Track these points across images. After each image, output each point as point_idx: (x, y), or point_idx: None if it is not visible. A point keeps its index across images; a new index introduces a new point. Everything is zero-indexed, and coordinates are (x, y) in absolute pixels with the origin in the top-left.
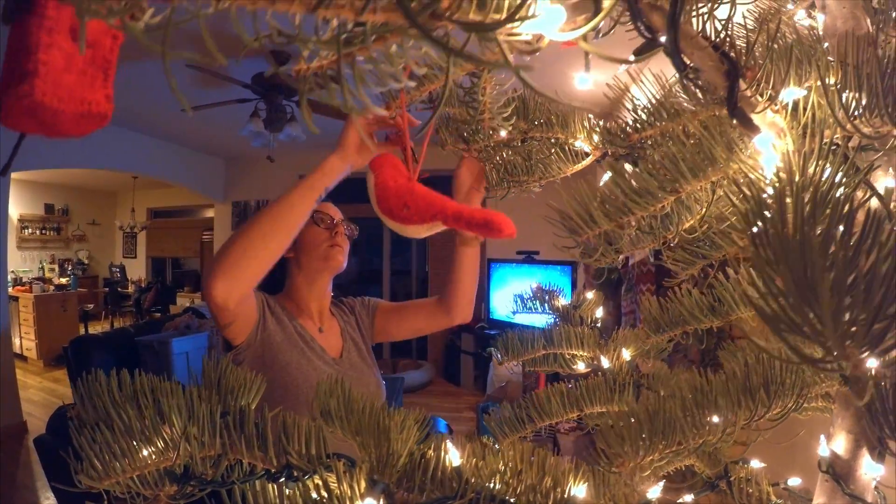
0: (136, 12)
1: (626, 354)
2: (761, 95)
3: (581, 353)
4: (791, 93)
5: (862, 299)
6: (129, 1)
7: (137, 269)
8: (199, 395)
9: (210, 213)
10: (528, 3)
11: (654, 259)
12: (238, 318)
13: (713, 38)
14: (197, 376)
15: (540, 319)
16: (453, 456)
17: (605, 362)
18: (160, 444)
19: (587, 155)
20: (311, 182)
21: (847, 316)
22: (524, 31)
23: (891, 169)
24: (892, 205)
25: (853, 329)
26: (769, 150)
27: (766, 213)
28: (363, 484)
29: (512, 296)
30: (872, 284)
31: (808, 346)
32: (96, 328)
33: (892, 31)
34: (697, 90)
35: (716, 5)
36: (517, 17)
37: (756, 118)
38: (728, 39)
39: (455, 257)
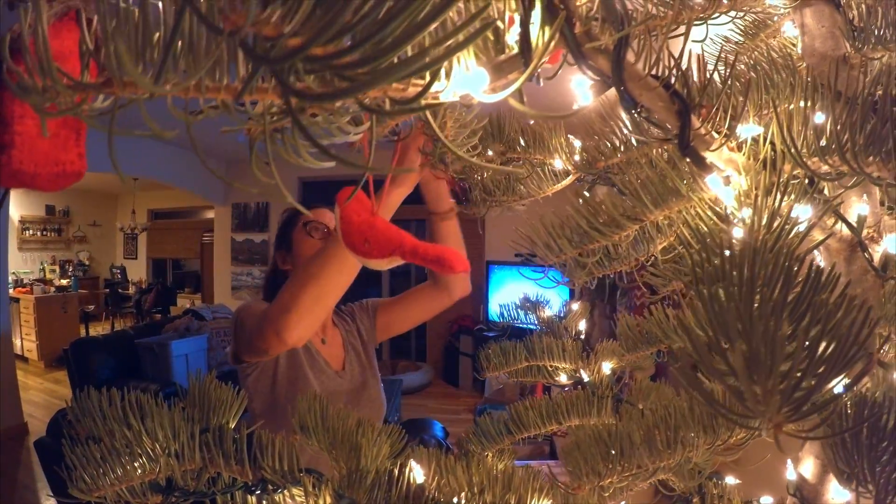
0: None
1: (607, 368)
2: (717, 132)
3: (563, 365)
4: (749, 129)
5: (790, 362)
6: (79, 98)
7: (138, 271)
8: (181, 413)
9: (210, 215)
10: (436, 80)
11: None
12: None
13: (668, 73)
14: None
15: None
16: (417, 473)
17: (585, 376)
18: (145, 459)
19: (568, 174)
20: (388, 199)
21: (771, 375)
22: (448, 97)
23: (865, 195)
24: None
25: (774, 389)
26: (722, 189)
27: (708, 261)
28: (328, 499)
29: (498, 305)
30: (802, 348)
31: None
32: (97, 329)
33: (871, 52)
34: (652, 126)
35: (664, 46)
36: (428, 91)
37: (713, 155)
38: (682, 76)
39: (436, 232)
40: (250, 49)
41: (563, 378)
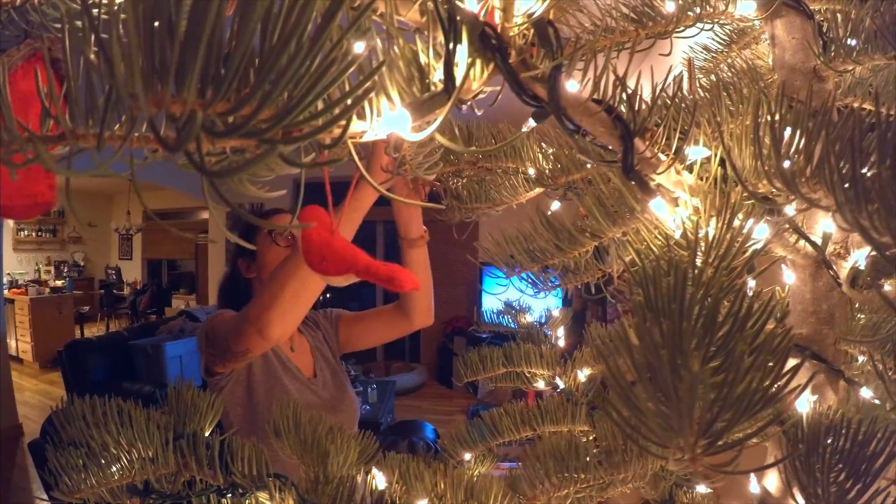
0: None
1: (582, 375)
2: (665, 155)
3: (541, 371)
4: (697, 151)
5: (713, 394)
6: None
7: (133, 271)
8: (157, 421)
9: (205, 216)
10: (345, 125)
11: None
12: (264, 350)
13: (610, 97)
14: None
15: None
16: (379, 480)
17: (560, 383)
18: (123, 463)
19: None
20: (350, 214)
21: (684, 409)
22: (372, 136)
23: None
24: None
25: (691, 423)
26: (666, 213)
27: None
28: (291, 502)
29: (481, 311)
30: (728, 380)
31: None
32: (92, 330)
33: (841, 64)
34: (600, 147)
35: (607, 68)
36: (344, 137)
37: (662, 177)
38: (628, 99)
39: (404, 260)
40: (160, 139)
41: (540, 384)
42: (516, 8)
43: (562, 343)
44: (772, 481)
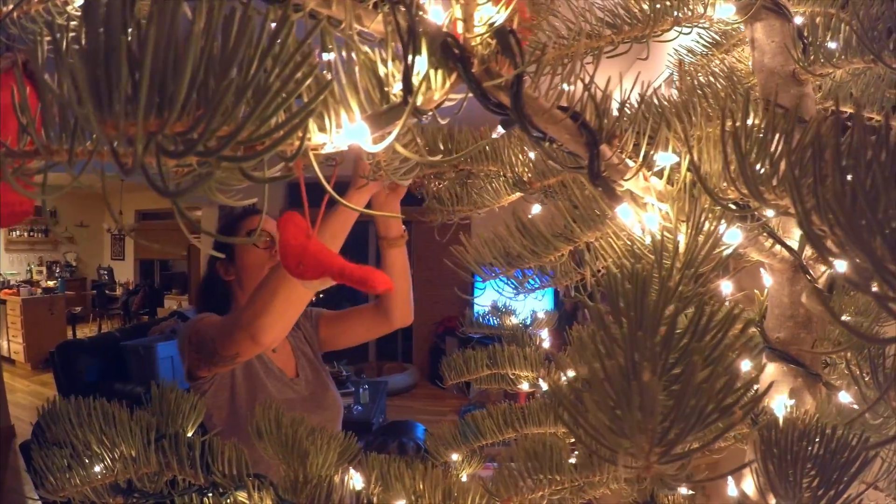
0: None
1: (563, 378)
2: (633, 161)
3: (525, 373)
4: (666, 157)
5: (668, 405)
6: (17, 163)
7: (125, 272)
8: (140, 421)
9: (198, 214)
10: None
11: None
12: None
13: (575, 104)
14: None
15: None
16: (357, 480)
17: (544, 385)
18: (105, 462)
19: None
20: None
21: (647, 414)
22: (331, 149)
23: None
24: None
25: (645, 432)
26: (632, 219)
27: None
28: (269, 503)
29: (473, 311)
30: (683, 392)
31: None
32: (84, 331)
33: (820, 68)
34: (568, 154)
35: (567, 78)
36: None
37: (631, 183)
38: (595, 105)
39: (383, 260)
40: (117, 161)
41: (524, 386)
42: (478, 18)
43: (547, 344)
44: (750, 485)
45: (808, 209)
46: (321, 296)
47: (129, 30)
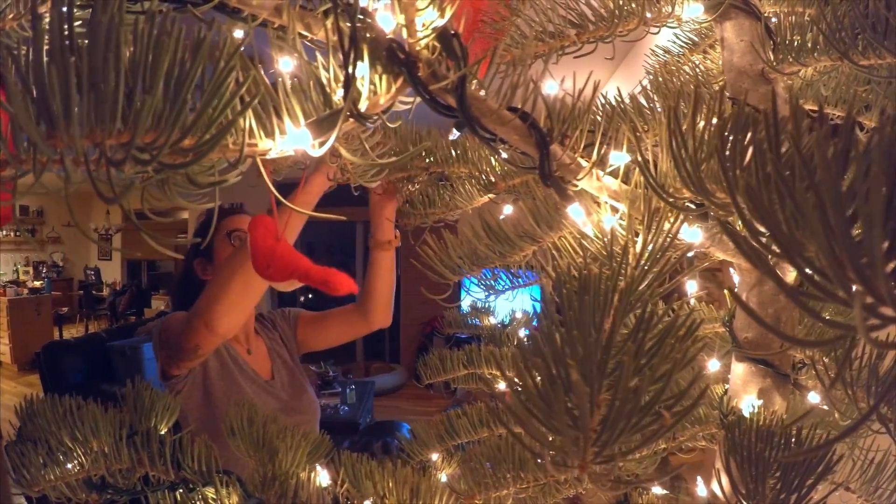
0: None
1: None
2: (586, 160)
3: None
4: (618, 157)
5: (606, 404)
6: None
7: (112, 272)
8: (113, 419)
9: (185, 216)
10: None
11: None
12: (214, 348)
13: (524, 104)
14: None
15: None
16: (323, 477)
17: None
18: (79, 458)
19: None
20: (305, 205)
21: (589, 416)
22: (276, 154)
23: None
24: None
25: (582, 433)
26: (583, 220)
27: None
28: (235, 498)
29: (461, 311)
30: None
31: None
32: (71, 332)
33: (788, 67)
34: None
35: (522, 77)
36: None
37: (585, 182)
38: (546, 106)
39: (370, 261)
40: (65, 170)
41: (502, 386)
42: (421, 22)
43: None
44: (719, 484)
45: (740, 208)
46: (310, 296)
47: (72, 47)
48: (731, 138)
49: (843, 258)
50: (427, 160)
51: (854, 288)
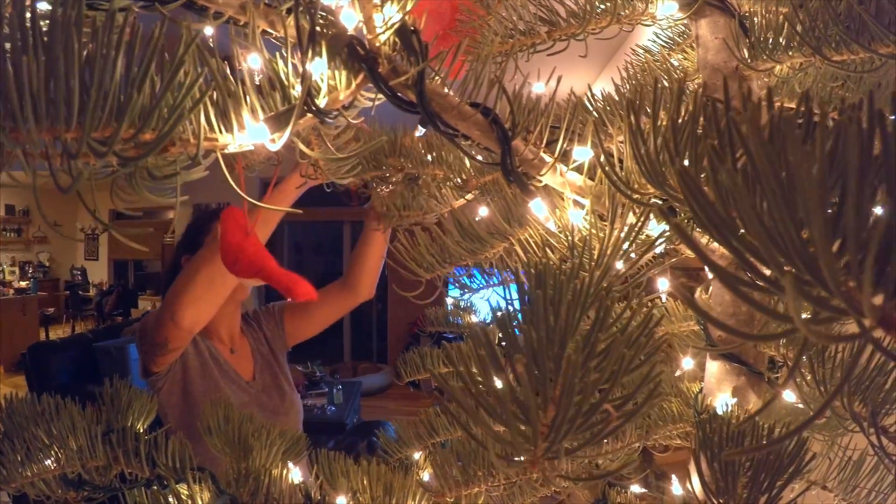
0: None
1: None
2: (550, 156)
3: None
4: (582, 152)
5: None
6: None
7: (99, 272)
8: (89, 416)
9: (171, 215)
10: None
11: None
12: (186, 343)
13: (486, 100)
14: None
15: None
16: (295, 474)
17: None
18: (55, 455)
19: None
20: (279, 202)
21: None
22: (235, 148)
23: None
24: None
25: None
26: (544, 214)
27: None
28: (207, 494)
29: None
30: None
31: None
32: (57, 332)
33: (761, 63)
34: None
35: (480, 74)
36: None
37: (548, 179)
38: (508, 101)
39: (363, 234)
40: (26, 161)
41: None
42: (382, 20)
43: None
44: (696, 485)
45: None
46: None
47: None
48: (684, 129)
49: (775, 236)
50: (402, 161)
51: (786, 269)
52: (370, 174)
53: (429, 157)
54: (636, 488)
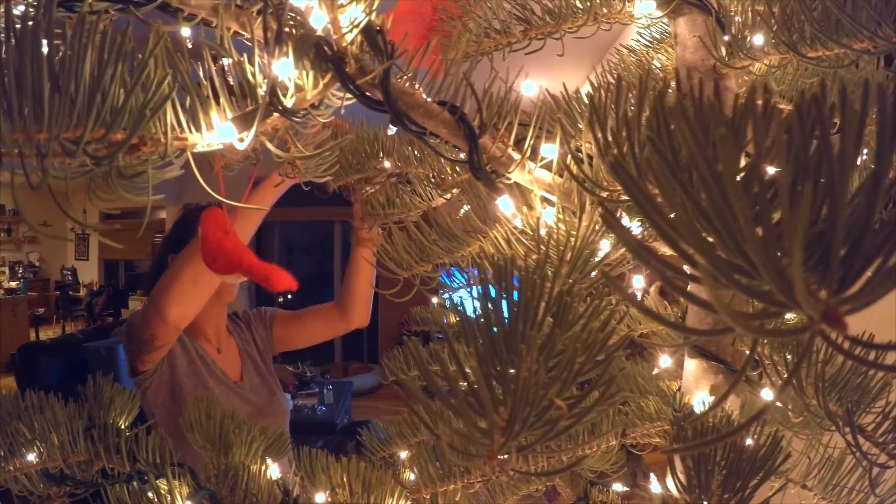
0: None
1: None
2: (519, 153)
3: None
4: (550, 149)
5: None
6: None
7: (89, 272)
8: (71, 412)
9: (162, 215)
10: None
11: None
12: (172, 341)
13: (454, 98)
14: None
15: None
16: (273, 470)
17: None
18: (37, 450)
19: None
20: (259, 201)
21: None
22: (203, 147)
23: None
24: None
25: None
26: (513, 212)
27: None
28: (185, 490)
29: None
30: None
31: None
32: (48, 333)
33: (738, 61)
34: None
35: (446, 74)
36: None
37: (517, 176)
38: (475, 98)
39: (351, 258)
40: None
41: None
42: (348, 19)
43: None
44: (673, 483)
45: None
46: (289, 296)
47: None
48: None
49: (696, 224)
50: (384, 161)
51: (702, 256)
52: (354, 177)
53: (414, 153)
54: (618, 487)
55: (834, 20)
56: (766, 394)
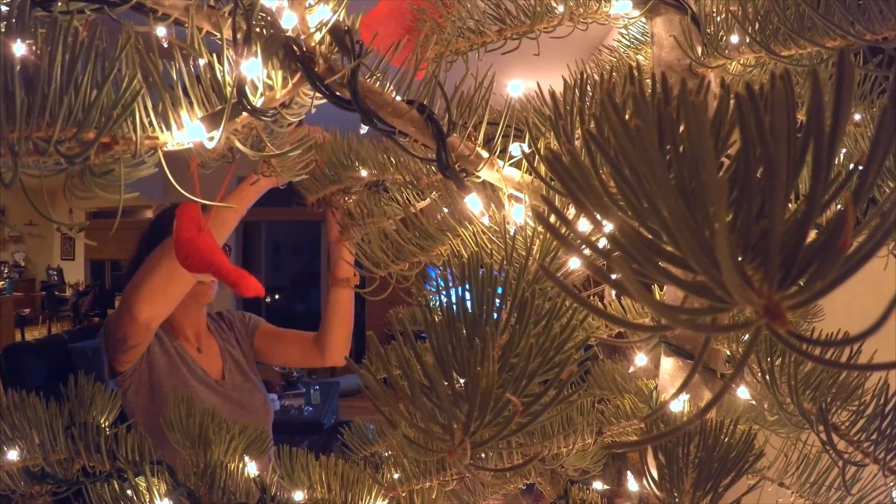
0: None
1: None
2: (488, 152)
3: None
4: (518, 148)
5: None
6: None
7: (76, 272)
8: (52, 410)
9: (149, 214)
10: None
11: None
12: (146, 340)
13: (420, 97)
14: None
15: None
16: (251, 468)
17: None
18: (18, 448)
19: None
20: (235, 201)
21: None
22: (174, 146)
23: None
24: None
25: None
26: (480, 210)
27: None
28: (163, 487)
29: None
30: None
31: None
32: (33, 333)
33: (712, 61)
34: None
35: (413, 73)
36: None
37: (486, 174)
38: (444, 97)
39: (329, 298)
40: None
41: None
42: (316, 20)
43: None
44: (651, 480)
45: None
46: (276, 297)
47: None
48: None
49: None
50: (360, 170)
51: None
52: (331, 188)
53: (390, 160)
54: (599, 486)
55: (808, 19)
56: (742, 392)
